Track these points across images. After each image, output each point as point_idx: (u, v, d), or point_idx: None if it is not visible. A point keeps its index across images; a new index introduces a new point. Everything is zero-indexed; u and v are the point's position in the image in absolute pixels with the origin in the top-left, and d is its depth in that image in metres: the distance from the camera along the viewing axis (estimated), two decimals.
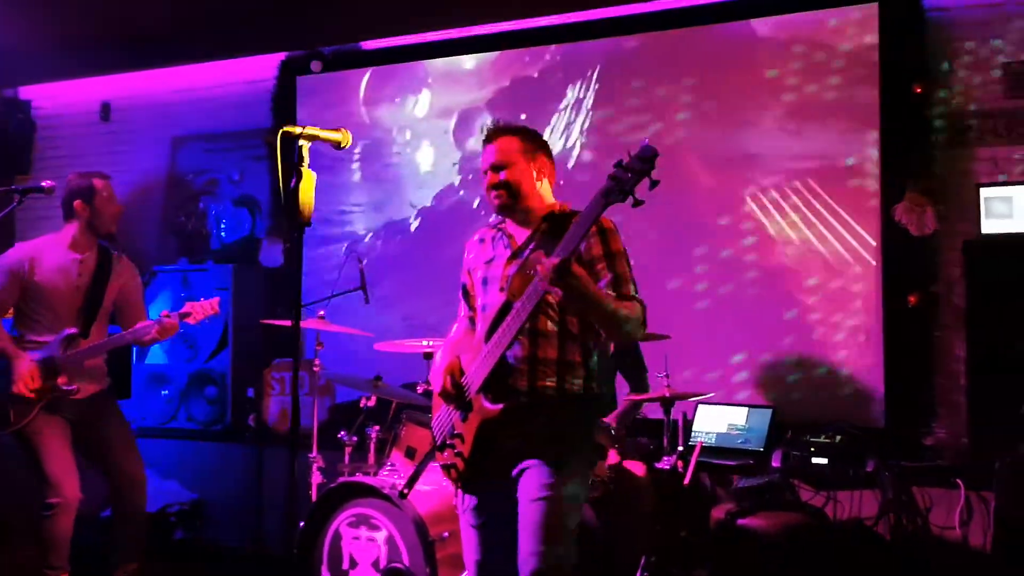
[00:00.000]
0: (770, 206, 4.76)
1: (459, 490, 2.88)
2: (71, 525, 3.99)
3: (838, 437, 4.18)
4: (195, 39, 5.91)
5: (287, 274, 5.69)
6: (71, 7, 5.48)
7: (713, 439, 4.42)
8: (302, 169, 2.40)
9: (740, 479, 4.24)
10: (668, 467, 3.80)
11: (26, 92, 6.88)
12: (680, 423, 3.85)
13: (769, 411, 4.42)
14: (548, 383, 2.73)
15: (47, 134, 6.84)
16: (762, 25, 4.81)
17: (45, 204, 6.44)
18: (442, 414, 2.91)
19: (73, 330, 4.00)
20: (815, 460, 4.16)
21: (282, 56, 5.99)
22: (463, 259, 3.03)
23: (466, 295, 3.02)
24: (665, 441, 3.90)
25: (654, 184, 2.40)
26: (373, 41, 5.81)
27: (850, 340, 4.57)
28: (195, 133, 6.32)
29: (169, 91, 6.42)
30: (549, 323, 2.74)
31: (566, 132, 5.30)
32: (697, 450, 3.95)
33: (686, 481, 3.82)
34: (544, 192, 2.90)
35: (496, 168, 2.86)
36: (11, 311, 4.12)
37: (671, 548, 3.78)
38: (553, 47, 5.37)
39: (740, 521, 3.93)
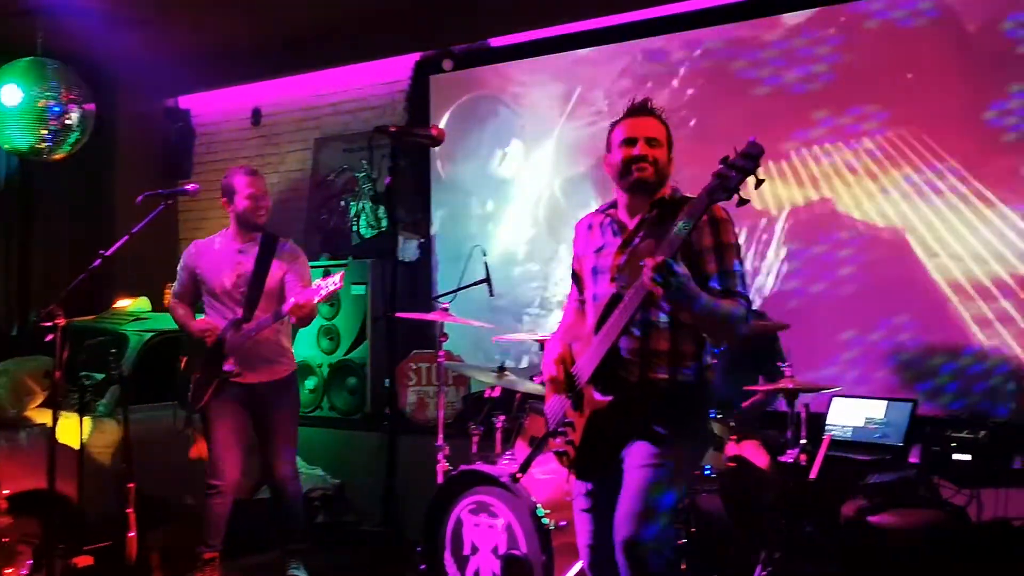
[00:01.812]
0: (925, 187, 4.53)
1: (571, 476, 2.91)
2: (227, 507, 4.20)
3: (982, 432, 3.93)
4: (335, 43, 6.15)
5: (419, 268, 5.85)
6: (223, 20, 5.83)
7: (848, 433, 4.22)
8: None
9: (874, 475, 4.05)
10: (791, 460, 3.68)
11: (186, 101, 7.33)
12: (803, 415, 3.72)
13: (909, 404, 4.18)
14: (660, 375, 2.73)
15: (205, 140, 7.28)
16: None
17: (205, 205, 6.95)
18: (554, 402, 2.93)
19: (238, 315, 4.20)
20: (956, 456, 3.91)
21: (416, 57, 6.14)
22: (573, 243, 3.03)
23: (577, 280, 3.03)
24: (789, 433, 3.78)
25: (759, 183, 2.35)
26: (502, 38, 5.86)
27: (997, 328, 4.31)
28: (336, 134, 6.58)
29: (312, 95, 6.71)
30: (661, 315, 2.72)
31: None
32: (825, 444, 3.80)
33: (812, 475, 3.69)
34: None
35: (650, 142, 2.77)
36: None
37: (795, 543, 3.67)
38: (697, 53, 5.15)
39: (871, 518, 3.76)
